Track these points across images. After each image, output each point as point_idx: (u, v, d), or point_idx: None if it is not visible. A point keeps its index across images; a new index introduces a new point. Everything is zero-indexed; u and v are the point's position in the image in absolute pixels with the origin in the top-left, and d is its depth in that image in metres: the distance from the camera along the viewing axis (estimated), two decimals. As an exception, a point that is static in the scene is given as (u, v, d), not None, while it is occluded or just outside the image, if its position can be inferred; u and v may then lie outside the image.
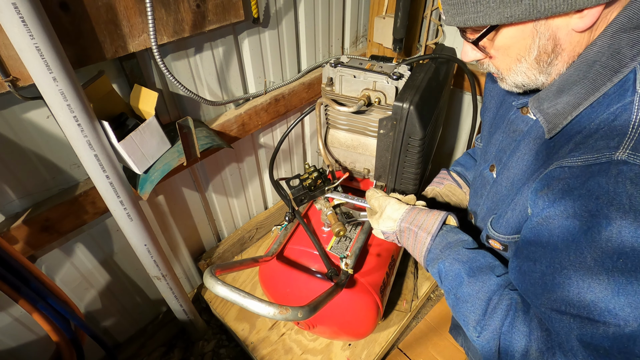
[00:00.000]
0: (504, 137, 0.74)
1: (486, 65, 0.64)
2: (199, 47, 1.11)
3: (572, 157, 0.51)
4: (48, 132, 0.92)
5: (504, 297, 0.60)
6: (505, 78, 0.62)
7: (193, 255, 1.58)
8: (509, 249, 0.70)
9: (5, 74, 0.75)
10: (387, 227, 0.80)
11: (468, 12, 0.55)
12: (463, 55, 0.64)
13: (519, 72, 0.59)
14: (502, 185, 0.71)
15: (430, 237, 0.73)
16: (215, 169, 1.42)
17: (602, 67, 0.52)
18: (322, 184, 1.05)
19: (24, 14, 0.63)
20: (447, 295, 0.69)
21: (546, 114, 0.59)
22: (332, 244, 1.15)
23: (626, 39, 0.50)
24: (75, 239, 1.11)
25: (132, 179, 1.03)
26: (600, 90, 0.52)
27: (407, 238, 0.77)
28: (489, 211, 0.76)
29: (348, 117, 1.09)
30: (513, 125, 0.71)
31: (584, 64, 0.54)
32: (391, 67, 1.01)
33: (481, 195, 0.80)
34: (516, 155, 0.67)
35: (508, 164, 0.69)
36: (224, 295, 0.69)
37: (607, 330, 0.44)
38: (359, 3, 1.57)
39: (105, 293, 1.28)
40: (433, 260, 0.72)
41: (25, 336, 1.10)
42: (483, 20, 0.54)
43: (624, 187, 0.44)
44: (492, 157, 0.78)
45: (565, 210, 0.49)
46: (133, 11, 0.88)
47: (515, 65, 0.59)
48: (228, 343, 1.61)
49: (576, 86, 0.54)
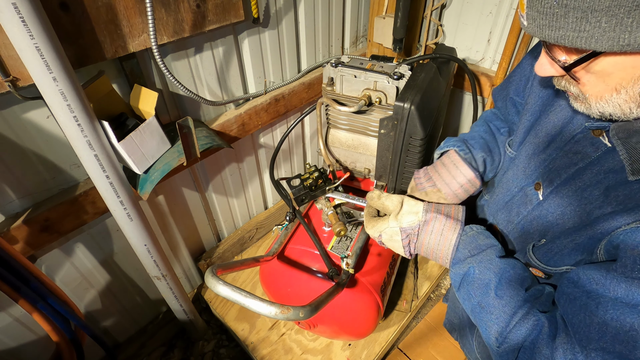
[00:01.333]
0: (559, 156, 0.64)
1: (565, 83, 0.54)
2: (199, 47, 1.11)
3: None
4: (48, 132, 0.92)
5: (530, 315, 0.58)
6: (591, 105, 0.52)
7: (193, 255, 1.58)
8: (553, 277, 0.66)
9: (5, 74, 0.75)
10: (410, 222, 0.73)
11: (566, 29, 0.43)
12: (538, 68, 0.53)
13: (611, 102, 0.49)
14: (550, 212, 0.64)
15: (460, 224, 0.69)
16: (215, 169, 1.42)
17: None
18: (323, 184, 1.05)
19: (24, 14, 0.63)
20: (468, 300, 0.66)
21: (633, 150, 0.49)
22: (333, 243, 1.15)
23: None
24: (75, 239, 1.11)
25: (132, 179, 1.03)
26: None
27: (430, 231, 0.71)
28: (526, 234, 0.70)
29: (349, 117, 1.09)
30: (577, 145, 0.60)
31: None
32: (392, 67, 1.01)
33: (518, 213, 0.72)
34: (576, 184, 0.59)
35: (562, 190, 0.61)
36: (226, 295, 0.69)
37: None
38: (359, 3, 1.57)
39: (105, 293, 1.28)
40: (461, 260, 0.68)
41: (25, 336, 1.10)
42: (586, 43, 0.42)
43: None
44: (538, 173, 0.68)
45: None
46: (133, 11, 0.88)
47: (609, 95, 0.48)
48: (228, 343, 1.61)
49: None
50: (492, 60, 1.56)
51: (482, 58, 1.58)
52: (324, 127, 1.17)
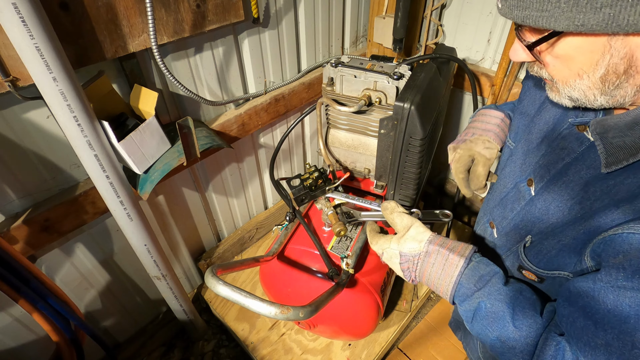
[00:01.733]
0: (549, 151, 0.65)
1: (537, 69, 0.56)
2: (199, 47, 1.11)
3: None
4: (48, 132, 0.92)
5: (551, 341, 0.56)
6: (560, 89, 0.54)
7: (193, 255, 1.58)
8: (546, 281, 0.65)
9: (5, 74, 0.75)
10: (410, 249, 0.71)
11: (531, 9, 0.46)
12: (512, 53, 0.56)
13: (576, 87, 0.51)
14: (538, 208, 0.65)
15: (464, 260, 0.65)
16: (215, 169, 1.42)
17: None
18: (323, 184, 1.05)
19: (24, 14, 0.63)
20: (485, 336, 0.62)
21: (609, 144, 0.51)
22: (333, 243, 1.15)
23: None
24: (75, 239, 1.11)
25: (132, 179, 1.03)
26: None
27: (432, 263, 0.68)
28: (517, 230, 0.71)
29: (349, 117, 1.09)
30: (564, 141, 0.62)
31: None
32: (392, 67, 1.01)
33: (512, 209, 0.73)
34: (562, 180, 0.60)
35: (550, 186, 0.62)
36: (226, 295, 0.69)
37: None
38: (359, 3, 1.57)
39: (105, 293, 1.28)
40: (469, 296, 0.64)
41: (25, 336, 1.10)
42: (547, 22, 0.45)
43: None
44: (531, 169, 0.69)
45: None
46: (133, 11, 0.88)
47: (573, 79, 0.50)
48: (228, 343, 1.61)
49: None
50: (492, 60, 1.56)
51: (482, 58, 1.58)
52: (324, 127, 1.17)
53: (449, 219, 1.03)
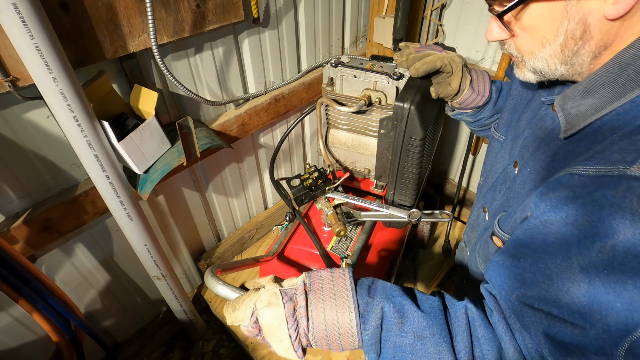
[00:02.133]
0: (530, 134, 0.71)
1: (507, 46, 0.62)
2: (199, 47, 1.11)
3: (585, 165, 0.49)
4: (48, 132, 0.92)
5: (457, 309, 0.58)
6: (525, 62, 0.60)
7: (193, 255, 1.58)
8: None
9: (5, 74, 0.75)
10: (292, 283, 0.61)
11: None
12: (488, 33, 0.62)
13: (540, 57, 0.57)
14: (517, 183, 0.69)
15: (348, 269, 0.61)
16: (215, 169, 1.42)
17: (634, 72, 0.49)
18: (323, 184, 1.05)
19: (24, 14, 0.63)
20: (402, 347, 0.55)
21: (568, 114, 0.57)
22: (333, 243, 1.16)
23: None
24: (75, 239, 1.11)
25: (132, 179, 1.03)
26: (627, 96, 0.49)
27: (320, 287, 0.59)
28: (500, 207, 0.74)
29: (348, 117, 1.09)
30: (541, 121, 0.68)
31: (616, 65, 0.51)
32: (392, 67, 1.01)
33: (500, 190, 0.77)
34: (536, 154, 0.65)
35: (528, 162, 0.67)
36: (226, 295, 0.69)
37: (574, 330, 0.46)
38: (359, 3, 1.57)
39: (105, 293, 1.28)
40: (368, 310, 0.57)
41: (25, 336, 1.10)
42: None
43: (630, 202, 0.42)
44: (517, 152, 0.74)
45: (567, 217, 0.48)
46: (133, 11, 0.88)
47: (538, 49, 0.56)
48: (228, 343, 1.61)
49: (604, 89, 0.52)
50: (492, 60, 1.56)
51: (482, 58, 1.58)
52: (323, 127, 1.17)
53: (449, 219, 1.03)
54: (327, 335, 0.56)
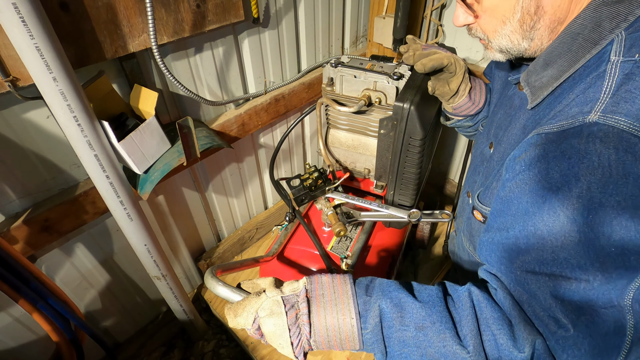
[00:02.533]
0: (502, 114, 0.76)
1: (474, 30, 0.67)
2: (199, 47, 1.11)
3: (549, 124, 0.53)
4: (48, 132, 0.92)
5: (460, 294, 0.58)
6: (491, 41, 0.64)
7: (193, 255, 1.58)
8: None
9: (5, 74, 0.75)
10: (293, 288, 0.60)
11: None
12: (455, 19, 0.67)
13: (503, 34, 0.62)
14: (494, 160, 0.72)
15: (348, 275, 0.62)
16: (215, 169, 1.42)
17: (584, 40, 0.54)
18: (323, 184, 1.05)
19: (24, 14, 0.63)
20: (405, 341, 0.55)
21: (532, 87, 0.62)
22: (333, 244, 1.16)
23: (607, 12, 0.52)
24: (75, 239, 1.11)
25: (132, 179, 1.03)
26: (580, 62, 0.55)
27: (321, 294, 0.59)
28: (480, 185, 0.77)
29: (348, 117, 1.09)
30: (510, 101, 0.73)
31: (568, 36, 0.56)
32: (392, 67, 1.01)
33: (479, 172, 0.81)
34: (508, 130, 0.69)
35: (502, 140, 0.71)
36: (226, 296, 0.69)
37: (579, 285, 0.47)
38: (359, 3, 1.57)
39: (105, 293, 1.28)
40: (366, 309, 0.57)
41: (25, 336, 1.10)
42: None
43: (593, 146, 0.46)
44: (492, 134, 0.79)
45: (539, 172, 0.51)
46: (133, 11, 0.88)
47: (500, 27, 0.61)
48: (228, 343, 1.61)
49: (560, 59, 0.57)
50: (492, 61, 1.56)
51: (482, 58, 1.58)
52: (323, 127, 1.17)
53: (449, 219, 1.03)
54: (329, 340, 0.57)
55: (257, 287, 0.63)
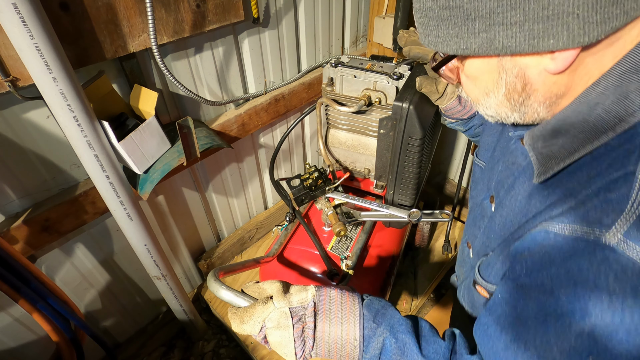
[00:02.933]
0: (503, 168, 0.67)
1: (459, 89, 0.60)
2: (199, 47, 1.11)
3: (560, 223, 0.45)
4: (48, 132, 0.92)
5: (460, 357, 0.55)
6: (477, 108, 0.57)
7: (193, 255, 1.58)
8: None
9: (5, 74, 0.75)
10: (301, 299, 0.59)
11: (431, 35, 0.50)
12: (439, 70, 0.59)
13: (488, 106, 0.54)
14: (495, 224, 0.65)
15: (357, 296, 0.61)
16: (215, 169, 1.42)
17: (604, 112, 0.45)
18: (323, 184, 1.05)
19: (24, 14, 0.63)
20: None
21: (539, 154, 0.52)
22: (333, 244, 1.16)
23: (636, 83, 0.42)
24: (75, 239, 1.11)
25: (132, 179, 1.03)
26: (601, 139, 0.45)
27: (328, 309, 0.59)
28: (482, 248, 0.70)
29: (348, 117, 1.09)
30: (513, 156, 0.64)
31: (584, 105, 0.47)
32: (391, 67, 1.01)
33: (479, 227, 0.73)
34: (511, 194, 0.61)
35: (504, 201, 0.63)
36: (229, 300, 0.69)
37: None
38: (359, 3, 1.57)
39: (105, 293, 1.28)
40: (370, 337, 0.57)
41: (25, 336, 1.10)
42: (442, 47, 0.49)
43: (606, 280, 0.39)
44: (492, 186, 0.70)
45: (542, 286, 0.45)
46: (133, 11, 0.88)
47: (483, 98, 0.54)
48: (228, 343, 1.61)
49: (574, 129, 0.48)
50: (492, 60, 1.56)
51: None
52: (323, 127, 1.17)
53: (449, 219, 1.03)
54: (330, 355, 0.57)
55: (263, 293, 0.62)
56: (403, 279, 1.66)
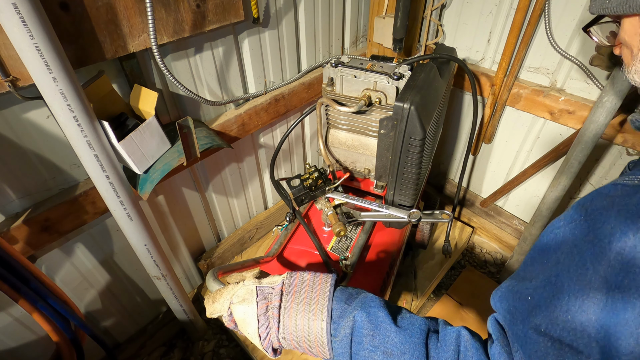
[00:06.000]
0: None
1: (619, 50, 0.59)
2: (199, 47, 1.11)
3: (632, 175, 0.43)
4: (48, 132, 0.92)
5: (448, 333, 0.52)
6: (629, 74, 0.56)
7: (193, 255, 1.58)
8: None
9: (5, 74, 0.75)
10: (271, 281, 0.59)
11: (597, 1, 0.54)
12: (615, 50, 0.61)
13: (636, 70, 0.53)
14: None
15: (331, 277, 0.58)
16: (215, 169, 1.42)
17: None
18: (323, 184, 1.05)
19: (24, 14, 0.63)
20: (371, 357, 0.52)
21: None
22: (333, 244, 1.16)
23: None
24: (75, 239, 1.11)
25: (132, 179, 1.03)
26: None
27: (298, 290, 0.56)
28: None
29: (349, 117, 1.09)
30: None
31: None
32: (392, 67, 1.01)
33: None
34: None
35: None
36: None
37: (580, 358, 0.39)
38: (359, 3, 1.57)
39: (105, 293, 1.28)
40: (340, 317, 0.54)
41: (25, 336, 1.10)
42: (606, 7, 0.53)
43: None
44: None
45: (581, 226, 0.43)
46: (133, 11, 0.88)
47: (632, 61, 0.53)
48: (228, 343, 1.61)
49: None
50: (492, 60, 1.56)
51: (482, 58, 1.58)
52: (324, 128, 1.17)
53: (449, 219, 1.03)
54: (297, 340, 0.55)
55: (241, 279, 0.62)
56: (403, 279, 1.66)
